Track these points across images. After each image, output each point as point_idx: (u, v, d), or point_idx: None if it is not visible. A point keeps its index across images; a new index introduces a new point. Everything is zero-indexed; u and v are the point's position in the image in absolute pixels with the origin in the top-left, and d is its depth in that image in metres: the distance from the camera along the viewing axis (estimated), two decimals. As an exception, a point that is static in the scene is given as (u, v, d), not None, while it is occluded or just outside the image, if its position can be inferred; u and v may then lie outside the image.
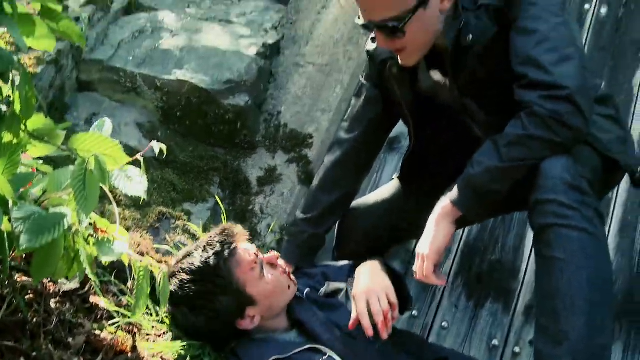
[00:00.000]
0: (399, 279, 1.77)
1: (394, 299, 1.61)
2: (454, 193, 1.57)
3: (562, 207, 1.43)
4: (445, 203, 1.58)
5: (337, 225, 2.05)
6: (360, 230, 2.01)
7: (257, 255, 1.62)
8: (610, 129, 1.65)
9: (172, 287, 1.55)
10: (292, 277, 1.68)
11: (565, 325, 1.41)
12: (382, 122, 1.97)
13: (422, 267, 1.58)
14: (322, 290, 1.75)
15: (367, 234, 2.00)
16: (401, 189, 2.02)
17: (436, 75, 1.74)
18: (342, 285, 1.75)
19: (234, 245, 1.59)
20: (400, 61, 1.68)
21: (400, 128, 2.03)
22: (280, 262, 1.67)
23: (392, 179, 2.10)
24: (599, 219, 1.47)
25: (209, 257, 1.56)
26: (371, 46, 1.82)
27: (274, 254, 1.68)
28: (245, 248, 1.62)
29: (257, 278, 1.59)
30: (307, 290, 1.72)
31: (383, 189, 2.09)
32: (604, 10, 2.73)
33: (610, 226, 2.19)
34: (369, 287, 1.62)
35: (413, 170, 1.97)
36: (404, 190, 2.01)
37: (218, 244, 1.58)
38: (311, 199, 1.99)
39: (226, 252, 1.57)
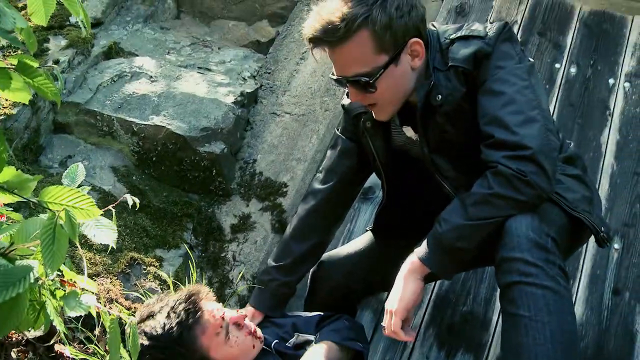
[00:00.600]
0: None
1: None
2: (422, 250, 1.58)
3: (526, 265, 1.45)
4: (413, 259, 1.59)
5: (310, 274, 2.05)
6: (333, 281, 2.01)
7: (222, 318, 1.60)
8: (577, 188, 1.69)
9: None
10: (259, 333, 1.67)
11: (530, 382, 1.42)
12: (356, 175, 1.99)
13: (390, 323, 1.58)
14: (291, 341, 1.74)
15: (340, 285, 2.00)
16: (374, 241, 2.03)
17: (409, 131, 1.77)
18: (311, 337, 1.74)
19: (199, 312, 1.56)
20: (373, 115, 1.72)
21: (374, 178, 2.05)
22: (247, 322, 1.66)
23: (367, 230, 2.12)
24: (563, 276, 1.49)
25: (172, 327, 1.53)
26: (346, 100, 1.86)
27: (240, 314, 1.66)
28: (211, 310, 1.60)
29: (222, 342, 1.57)
30: (275, 342, 1.71)
31: (357, 240, 2.10)
32: (573, 70, 2.82)
33: (579, 280, 2.22)
34: None
35: (386, 223, 1.99)
36: (378, 243, 2.02)
37: (183, 312, 1.55)
38: (283, 248, 1.99)
39: (190, 321, 1.54)
